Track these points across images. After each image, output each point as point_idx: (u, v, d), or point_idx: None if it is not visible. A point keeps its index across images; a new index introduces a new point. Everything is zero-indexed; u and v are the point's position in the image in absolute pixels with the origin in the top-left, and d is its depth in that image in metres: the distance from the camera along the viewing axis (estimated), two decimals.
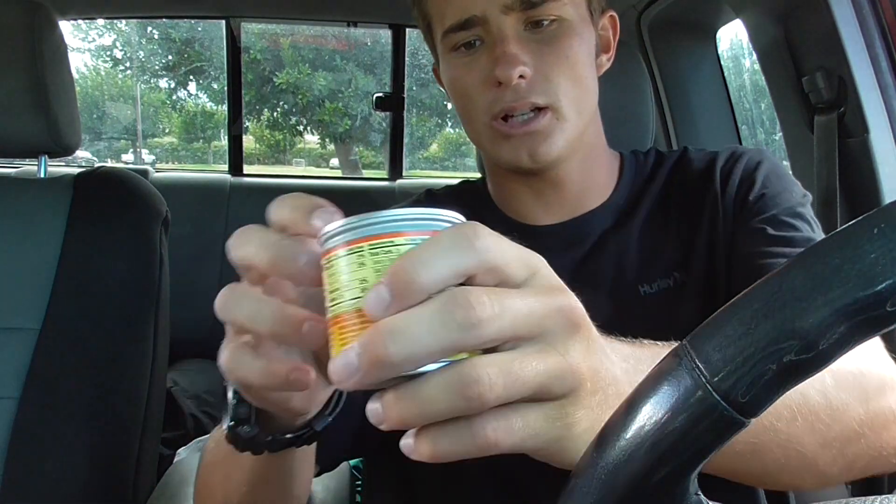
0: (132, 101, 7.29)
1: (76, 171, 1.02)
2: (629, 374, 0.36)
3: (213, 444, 0.57)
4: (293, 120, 7.18)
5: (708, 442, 0.27)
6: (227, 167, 2.32)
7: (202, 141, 7.48)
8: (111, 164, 4.92)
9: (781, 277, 0.27)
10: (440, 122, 7.38)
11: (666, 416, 0.27)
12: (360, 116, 6.31)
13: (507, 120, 0.65)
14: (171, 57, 6.81)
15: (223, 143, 5.20)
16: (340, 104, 6.41)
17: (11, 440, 0.85)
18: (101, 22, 6.57)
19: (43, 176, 1.04)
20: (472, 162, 4.42)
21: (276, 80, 6.26)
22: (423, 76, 6.32)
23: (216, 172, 2.51)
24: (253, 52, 5.53)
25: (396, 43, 2.23)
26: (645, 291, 0.69)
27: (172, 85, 7.15)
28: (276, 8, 2.18)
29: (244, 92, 2.35)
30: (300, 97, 6.60)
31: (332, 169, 7.32)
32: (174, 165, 7.44)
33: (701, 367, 0.27)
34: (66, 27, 2.64)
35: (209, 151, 7.22)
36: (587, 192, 0.73)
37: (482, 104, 0.66)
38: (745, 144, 1.57)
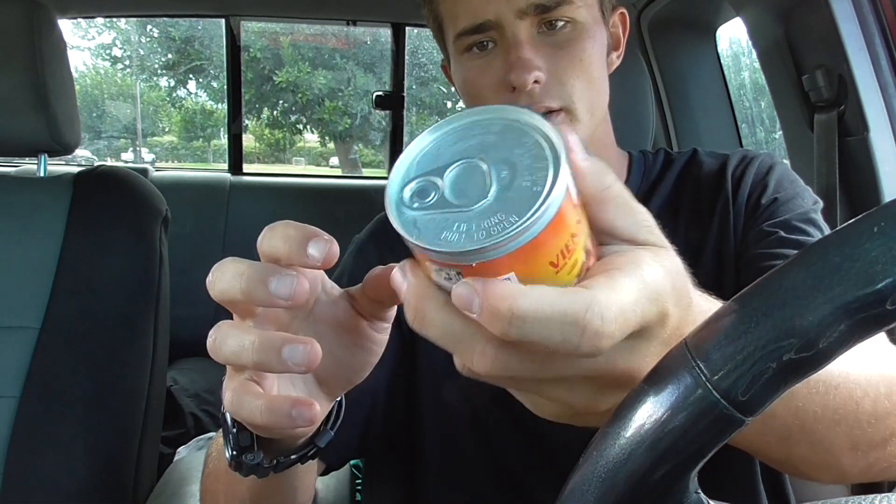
0: (132, 99, 7.28)
1: (76, 169, 1.02)
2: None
3: (215, 453, 0.56)
4: (293, 118, 7.18)
5: (708, 440, 0.27)
6: (226, 166, 2.32)
7: (202, 140, 7.47)
8: (111, 162, 4.91)
9: (781, 276, 0.27)
10: (440, 120, 7.38)
11: (666, 414, 0.27)
12: (359, 115, 6.30)
13: None
14: (170, 55, 6.80)
15: (223, 141, 5.21)
16: (340, 103, 6.40)
17: (12, 439, 0.85)
18: (100, 20, 6.56)
19: (42, 175, 1.04)
20: None
21: (275, 78, 6.26)
22: (422, 75, 6.32)
23: (216, 171, 2.51)
24: (253, 50, 5.53)
25: (396, 41, 2.23)
26: None
27: (172, 83, 7.15)
28: (275, 7, 2.18)
29: (244, 90, 2.35)
30: (300, 96, 6.59)
31: (331, 168, 7.31)
32: (174, 164, 7.43)
33: (701, 365, 0.27)
34: (65, 25, 2.64)
35: (209, 150, 7.21)
36: None
37: None
38: (745, 143, 1.57)
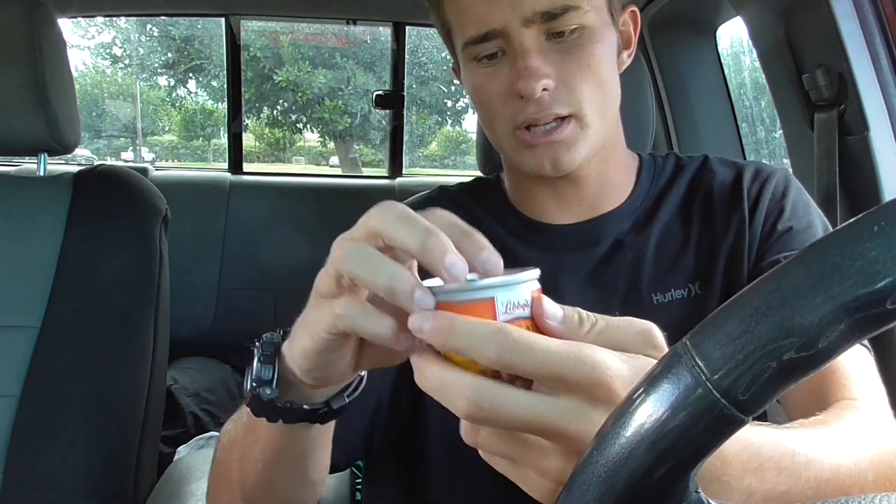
0: (132, 99, 7.28)
1: (76, 169, 1.02)
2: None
3: (230, 424, 0.57)
4: (293, 118, 7.18)
5: (708, 440, 0.27)
6: (226, 165, 2.32)
7: (202, 139, 7.47)
8: (111, 162, 4.91)
9: (781, 275, 0.27)
10: (440, 120, 7.38)
11: (666, 413, 0.27)
12: (359, 114, 6.30)
13: (530, 129, 0.65)
14: (170, 55, 6.80)
15: (223, 141, 5.20)
16: (340, 102, 6.40)
17: (12, 438, 0.85)
18: (100, 19, 6.56)
19: (42, 174, 1.04)
20: (471, 160, 4.41)
21: (275, 77, 6.25)
22: (422, 74, 6.32)
23: (216, 170, 2.51)
24: (253, 49, 5.53)
25: (396, 40, 2.23)
26: (658, 300, 0.68)
27: (172, 83, 7.15)
28: (275, 5, 2.18)
29: (244, 90, 2.35)
30: (300, 95, 6.59)
31: (331, 167, 7.31)
32: (174, 163, 7.43)
33: (701, 364, 0.27)
34: (65, 25, 2.63)
35: (209, 149, 7.21)
36: (605, 191, 0.73)
37: (505, 115, 0.66)
38: (745, 142, 1.57)
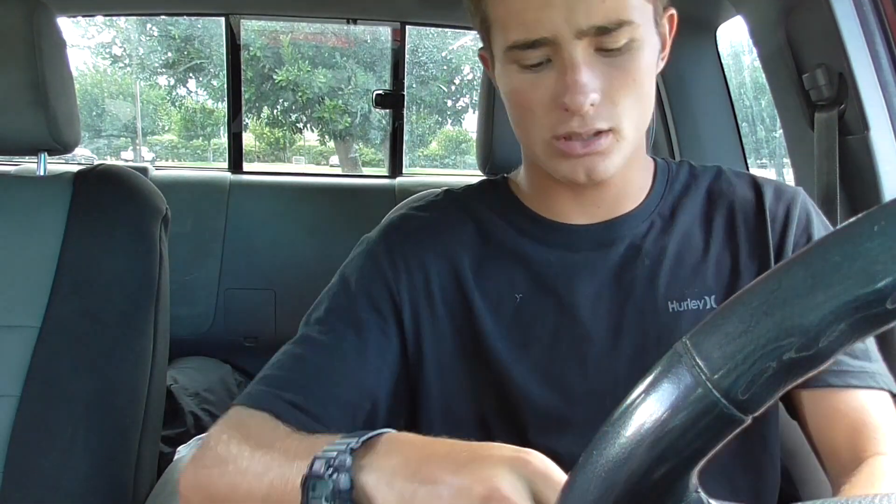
0: (131, 98, 7.27)
1: (76, 168, 1.02)
2: None
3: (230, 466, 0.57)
4: (293, 117, 7.17)
5: (708, 439, 0.27)
6: (226, 165, 2.32)
7: (202, 138, 7.47)
8: (111, 161, 4.91)
9: (781, 275, 0.27)
10: (440, 119, 7.37)
11: (666, 413, 0.27)
12: (359, 114, 6.30)
13: (569, 139, 0.64)
14: (170, 54, 6.79)
15: (223, 140, 5.20)
16: (340, 101, 6.39)
17: (12, 438, 0.85)
18: (100, 19, 6.56)
19: (42, 173, 1.04)
20: (471, 160, 4.41)
21: (275, 77, 6.25)
22: (422, 74, 6.32)
23: (216, 170, 2.50)
24: (253, 49, 5.52)
25: (397, 40, 2.23)
26: (673, 308, 0.68)
27: (172, 82, 7.14)
28: (275, 5, 2.18)
29: (244, 89, 2.34)
30: (300, 94, 6.58)
31: (331, 167, 7.31)
32: (174, 163, 7.42)
33: (701, 364, 0.27)
34: (65, 24, 2.63)
35: (209, 149, 7.21)
36: (625, 193, 0.73)
37: (546, 123, 0.64)
38: (745, 142, 1.57)
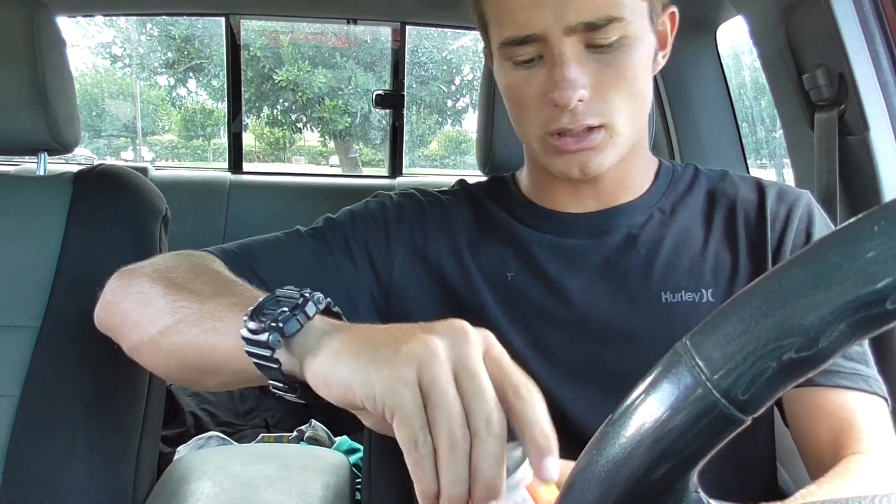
0: (131, 98, 7.27)
1: (76, 168, 1.02)
2: None
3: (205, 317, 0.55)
4: (293, 117, 7.17)
5: (708, 440, 0.27)
6: (226, 164, 2.32)
7: (202, 138, 7.47)
8: (111, 161, 4.91)
9: (781, 275, 0.27)
10: (440, 119, 7.37)
11: (666, 413, 0.27)
12: (359, 114, 6.30)
13: (561, 135, 0.65)
14: (170, 54, 6.79)
15: (223, 140, 5.19)
16: (340, 101, 6.39)
17: (11, 438, 0.85)
18: (100, 19, 6.56)
19: (42, 173, 1.04)
20: (471, 160, 4.41)
21: (275, 77, 6.25)
22: (422, 74, 6.32)
23: (216, 170, 2.51)
24: (253, 49, 5.52)
25: (397, 40, 2.23)
26: (667, 299, 0.69)
27: (172, 82, 7.14)
28: (275, 5, 2.18)
29: (244, 89, 2.35)
30: (300, 94, 6.58)
31: (331, 167, 7.31)
32: (174, 163, 7.42)
33: (701, 364, 0.27)
34: (65, 24, 2.63)
35: (209, 149, 7.21)
36: (623, 187, 0.74)
37: (538, 119, 0.66)
38: (745, 142, 1.57)
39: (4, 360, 0.88)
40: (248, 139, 6.83)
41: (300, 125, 7.32)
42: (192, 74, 6.96)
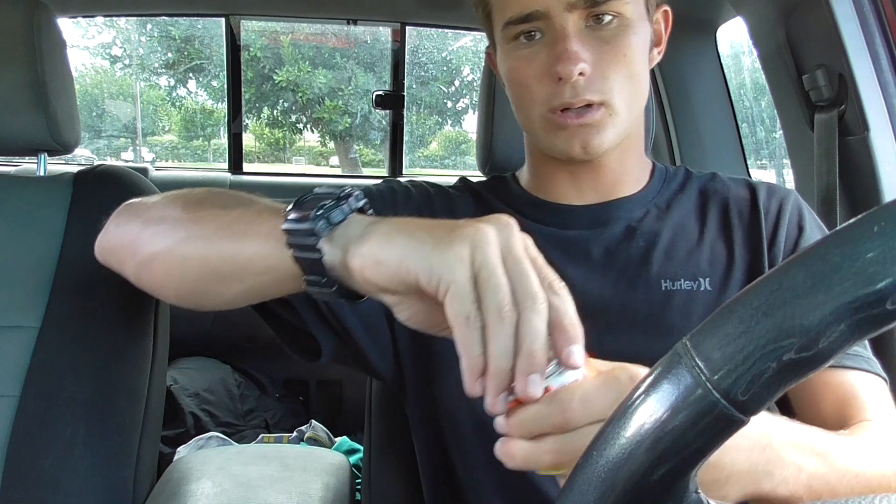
0: (132, 98, 7.27)
1: (76, 169, 1.02)
2: None
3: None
4: (293, 118, 7.17)
5: (708, 440, 0.27)
6: (226, 165, 2.32)
7: (202, 139, 7.46)
8: (111, 162, 4.91)
9: (781, 275, 0.27)
10: (440, 120, 7.37)
11: (666, 414, 0.27)
12: (359, 114, 6.30)
13: (563, 112, 0.68)
14: (170, 54, 6.78)
15: (223, 141, 5.19)
16: (340, 102, 6.39)
17: (11, 438, 0.85)
18: (100, 19, 6.55)
19: (42, 174, 1.04)
20: (471, 160, 4.41)
21: (275, 77, 6.24)
22: (422, 74, 6.32)
23: (216, 170, 2.51)
24: (253, 49, 5.52)
25: (397, 41, 2.23)
26: (666, 287, 0.71)
27: (172, 83, 7.14)
28: (275, 5, 2.18)
29: (244, 90, 2.35)
30: (300, 95, 6.58)
31: (331, 167, 7.31)
32: (174, 163, 7.41)
33: (701, 365, 0.27)
34: (65, 24, 2.63)
35: (209, 149, 7.20)
36: (621, 181, 0.76)
37: (541, 96, 0.68)
38: (745, 142, 1.57)
39: (4, 360, 0.88)
40: (248, 140, 6.83)
41: (300, 126, 7.32)
42: (192, 75, 6.96)
